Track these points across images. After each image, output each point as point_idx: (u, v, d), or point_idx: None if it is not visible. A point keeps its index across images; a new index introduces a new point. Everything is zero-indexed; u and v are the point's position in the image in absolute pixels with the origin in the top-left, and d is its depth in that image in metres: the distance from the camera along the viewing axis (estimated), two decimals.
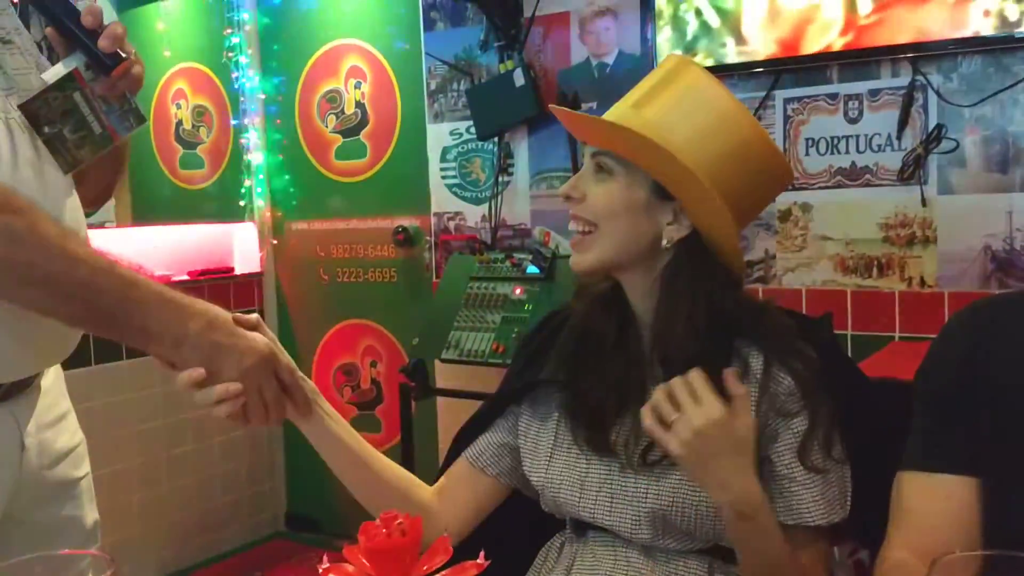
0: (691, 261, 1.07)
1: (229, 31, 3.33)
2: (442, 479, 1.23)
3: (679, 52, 2.38)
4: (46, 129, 1.09)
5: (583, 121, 1.12)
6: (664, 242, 1.07)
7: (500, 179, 2.80)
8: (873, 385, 1.15)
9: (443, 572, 0.73)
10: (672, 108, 1.06)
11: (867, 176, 2.25)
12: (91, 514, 1.32)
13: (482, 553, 0.76)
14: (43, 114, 1.09)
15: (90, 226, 1.42)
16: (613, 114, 1.09)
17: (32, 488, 1.23)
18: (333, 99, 3.23)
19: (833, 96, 2.27)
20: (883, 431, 1.04)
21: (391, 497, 1.15)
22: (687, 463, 0.96)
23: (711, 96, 1.06)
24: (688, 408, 0.94)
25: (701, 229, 1.07)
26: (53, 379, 1.29)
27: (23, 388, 1.20)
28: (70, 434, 1.30)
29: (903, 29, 2.11)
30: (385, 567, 0.73)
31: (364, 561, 0.74)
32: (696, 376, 0.95)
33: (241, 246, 3.41)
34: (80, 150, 1.11)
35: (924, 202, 2.17)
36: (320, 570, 0.73)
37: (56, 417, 1.28)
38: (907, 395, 0.99)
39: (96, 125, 1.11)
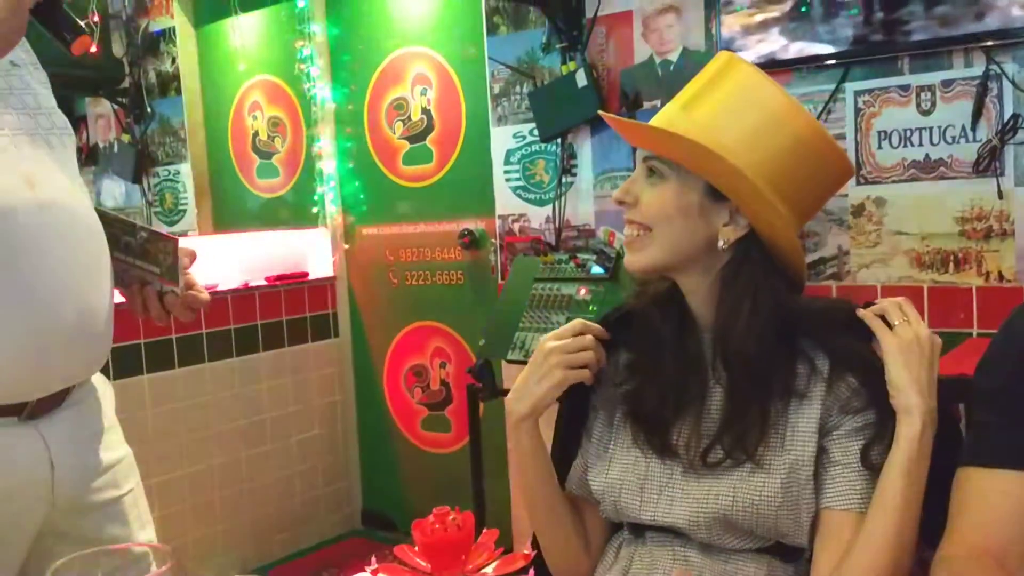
0: (749, 261, 1.06)
1: (301, 43, 3.43)
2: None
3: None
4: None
5: (631, 127, 1.12)
6: (720, 243, 1.06)
7: (563, 180, 2.81)
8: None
9: (494, 564, 0.75)
10: (722, 108, 1.06)
11: (941, 169, 2.18)
12: (141, 532, 1.30)
13: (528, 543, 0.77)
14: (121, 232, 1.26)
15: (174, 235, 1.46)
16: (662, 117, 1.09)
17: (71, 507, 1.22)
18: (400, 106, 3.30)
19: (905, 88, 2.21)
20: (951, 428, 1.03)
21: (567, 519, 1.18)
22: (897, 357, 0.99)
23: (762, 94, 1.05)
24: (915, 319, 1.01)
25: (758, 229, 1.06)
26: (87, 396, 1.28)
27: (51, 407, 1.20)
28: (109, 451, 1.29)
29: (976, 18, 2.04)
30: (440, 561, 0.76)
31: (417, 560, 0.77)
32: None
33: (315, 251, 3.51)
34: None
35: (1001, 194, 2.09)
36: (369, 571, 0.76)
37: (91, 434, 1.26)
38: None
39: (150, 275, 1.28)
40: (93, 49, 1.17)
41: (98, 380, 1.34)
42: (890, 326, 1.02)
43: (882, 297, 2.27)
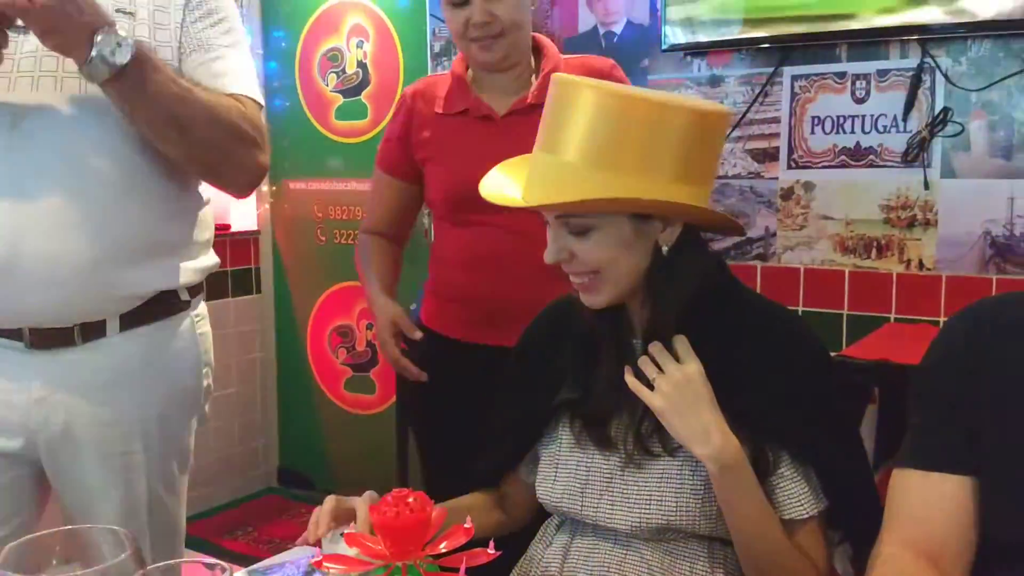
0: (685, 251, 1.07)
1: None
2: (502, 487, 1.26)
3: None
4: None
5: (522, 203, 1.07)
6: (664, 249, 1.06)
7: None
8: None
9: (456, 554, 0.75)
10: (589, 137, 1.00)
11: (871, 157, 2.25)
12: (129, 490, 1.32)
13: (491, 543, 0.77)
14: None
15: None
16: (538, 171, 1.05)
17: (64, 450, 1.27)
18: (335, 57, 3.20)
19: (841, 75, 2.26)
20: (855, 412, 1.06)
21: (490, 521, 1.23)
22: (669, 416, 1.01)
23: (630, 111, 1.00)
24: (668, 365, 1.03)
25: (689, 221, 1.07)
26: (117, 349, 1.29)
27: (58, 344, 1.24)
28: (123, 405, 1.30)
29: (914, 10, 2.09)
30: (397, 543, 0.74)
31: (368, 544, 0.75)
32: (678, 339, 1.04)
33: (237, 203, 3.39)
34: None
35: (927, 185, 2.17)
36: (311, 563, 0.74)
37: (101, 384, 1.28)
38: (900, 378, 1.01)
39: None
40: None
41: (186, 339, 1.38)
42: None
43: (804, 279, 2.35)
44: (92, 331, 1.26)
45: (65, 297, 1.23)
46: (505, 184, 1.10)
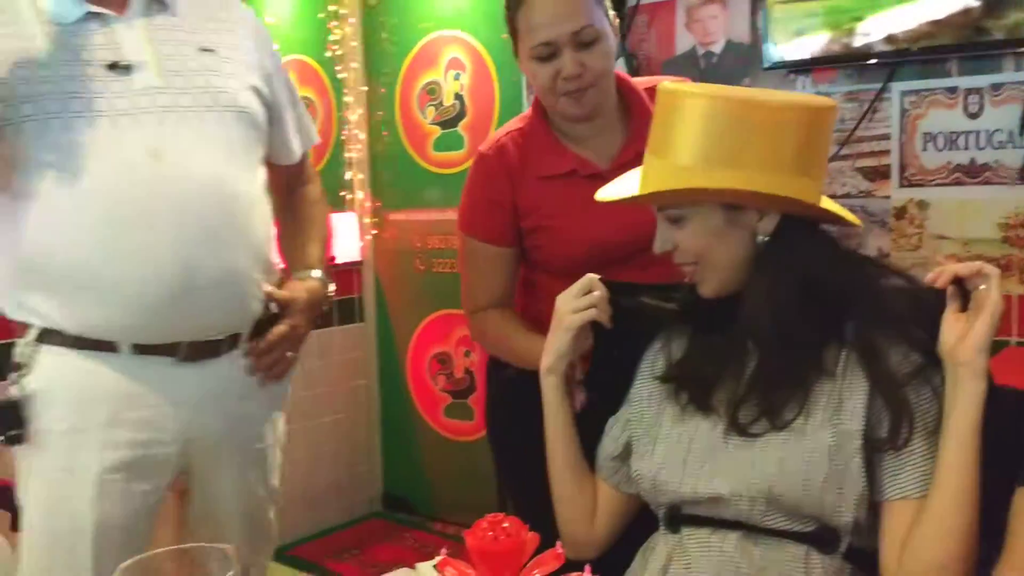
0: (782, 241, 1.10)
1: (334, 24, 3.41)
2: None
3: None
4: None
5: (624, 199, 1.20)
6: (759, 238, 1.11)
7: None
8: None
9: (536, 571, 0.74)
10: (693, 140, 1.08)
11: (987, 174, 2.14)
12: (258, 484, 1.49)
13: (587, 567, 0.77)
14: None
15: None
16: (650, 171, 1.15)
17: (214, 450, 1.40)
18: (432, 91, 3.28)
19: (952, 90, 2.17)
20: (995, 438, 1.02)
21: (583, 479, 1.28)
22: (993, 323, 0.99)
23: (716, 108, 1.08)
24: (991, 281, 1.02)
25: (788, 211, 1.10)
26: (240, 358, 1.42)
27: (205, 356, 1.35)
28: (256, 404, 1.46)
29: None
30: (493, 569, 0.75)
31: (462, 570, 0.76)
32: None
33: (342, 236, 3.50)
34: None
35: None
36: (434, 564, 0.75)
37: (241, 386, 1.42)
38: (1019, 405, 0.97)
39: None
40: None
41: None
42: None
43: None
44: (235, 342, 1.39)
45: (235, 309, 1.37)
46: (622, 191, 1.22)
